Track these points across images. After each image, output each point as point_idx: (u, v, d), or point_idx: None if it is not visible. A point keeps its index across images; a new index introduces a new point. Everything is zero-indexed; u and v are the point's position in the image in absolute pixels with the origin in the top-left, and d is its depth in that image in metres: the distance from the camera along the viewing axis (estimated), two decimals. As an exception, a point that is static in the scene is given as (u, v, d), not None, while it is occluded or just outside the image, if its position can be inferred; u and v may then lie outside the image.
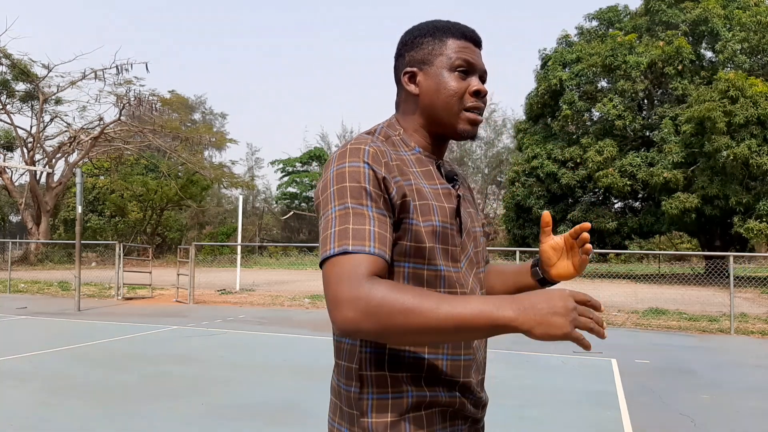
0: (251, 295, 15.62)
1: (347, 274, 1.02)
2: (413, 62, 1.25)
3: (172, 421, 4.63)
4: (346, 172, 1.10)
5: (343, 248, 1.04)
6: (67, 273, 21.31)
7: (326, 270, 1.04)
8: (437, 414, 1.16)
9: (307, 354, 7.67)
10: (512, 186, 29.34)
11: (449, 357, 1.17)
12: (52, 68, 30.89)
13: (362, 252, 1.03)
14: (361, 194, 1.08)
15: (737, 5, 24.31)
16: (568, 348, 8.32)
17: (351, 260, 1.03)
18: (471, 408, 1.22)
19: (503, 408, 5.10)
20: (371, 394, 1.13)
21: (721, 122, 20.18)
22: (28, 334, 8.98)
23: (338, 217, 1.07)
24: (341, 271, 1.02)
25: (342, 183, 1.09)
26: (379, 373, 1.13)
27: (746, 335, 10.06)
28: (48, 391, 5.50)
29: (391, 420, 1.12)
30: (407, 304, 0.99)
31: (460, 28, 1.26)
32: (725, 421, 4.88)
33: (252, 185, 49.07)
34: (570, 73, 26.68)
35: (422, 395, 1.14)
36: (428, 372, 1.15)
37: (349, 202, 1.08)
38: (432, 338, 1.03)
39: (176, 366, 6.71)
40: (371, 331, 1.00)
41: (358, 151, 1.12)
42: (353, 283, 1.01)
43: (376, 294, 0.99)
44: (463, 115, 1.23)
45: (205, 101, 56.11)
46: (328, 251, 1.05)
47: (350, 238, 1.05)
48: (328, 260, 1.04)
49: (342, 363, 1.18)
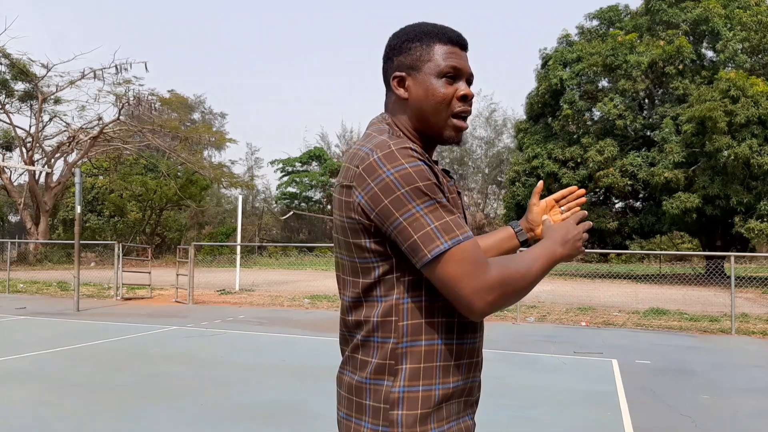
0: (251, 295, 15.61)
1: (475, 263, 1.12)
2: (402, 67, 1.29)
3: (172, 421, 4.61)
4: (411, 173, 1.13)
5: (456, 240, 1.12)
6: (66, 273, 21.29)
7: (445, 264, 1.11)
8: (454, 405, 1.23)
9: (307, 354, 7.65)
10: (512, 186, 29.32)
11: (469, 342, 1.26)
12: (51, 68, 30.89)
13: (469, 238, 1.14)
14: (435, 190, 1.15)
15: (738, 5, 24.29)
16: (568, 348, 8.31)
17: (467, 249, 1.12)
18: (477, 390, 1.31)
19: (503, 408, 5.08)
20: (403, 387, 1.17)
21: (722, 122, 20.16)
22: (27, 334, 8.96)
23: (429, 213, 1.12)
24: (467, 261, 1.11)
25: (413, 183, 1.13)
26: (413, 366, 1.18)
27: (747, 335, 10.04)
28: (47, 391, 5.49)
29: (420, 413, 1.17)
30: (520, 271, 1.17)
31: (446, 32, 1.30)
32: (726, 422, 4.86)
33: (251, 185, 49.10)
34: (570, 72, 26.66)
35: (447, 386, 1.21)
36: (456, 358, 1.23)
37: (431, 198, 1.13)
38: (531, 289, 1.21)
39: (176, 366, 6.69)
40: (505, 303, 1.16)
41: (407, 151, 1.16)
42: (483, 269, 1.12)
43: (501, 273, 1.13)
44: (450, 122, 1.28)
45: (205, 101, 55.98)
46: (441, 246, 1.11)
47: (455, 229, 1.13)
48: (444, 254, 1.11)
49: (370, 359, 1.21)
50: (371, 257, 1.19)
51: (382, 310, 1.19)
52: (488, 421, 4.63)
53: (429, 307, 1.19)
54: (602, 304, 13.70)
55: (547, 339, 9.17)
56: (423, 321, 1.19)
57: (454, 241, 1.11)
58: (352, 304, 1.23)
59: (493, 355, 7.61)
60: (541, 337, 9.33)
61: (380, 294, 1.19)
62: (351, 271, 1.23)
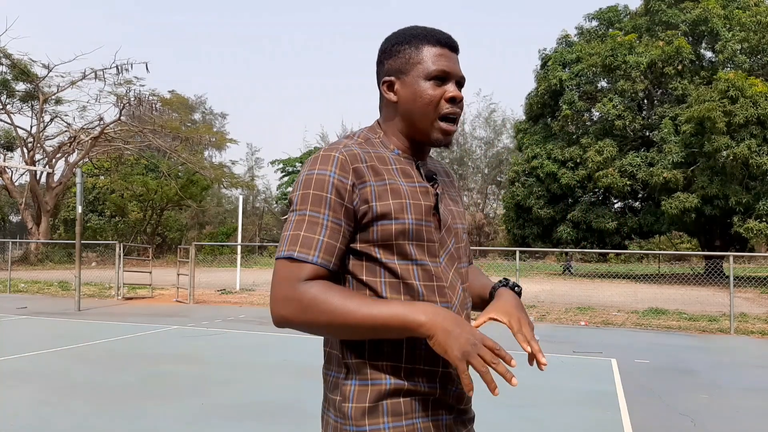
0: (251, 294, 15.63)
1: (287, 277, 1.15)
2: (391, 71, 1.30)
3: (172, 421, 4.64)
4: (312, 179, 1.19)
5: (290, 254, 1.16)
6: (67, 273, 21.30)
7: (275, 268, 1.18)
8: (417, 401, 1.19)
9: (307, 354, 7.67)
10: (512, 186, 29.36)
11: (426, 347, 1.19)
12: (52, 68, 30.91)
13: (305, 261, 1.15)
14: (321, 203, 1.17)
15: (737, 5, 24.32)
16: (567, 348, 8.34)
17: (293, 266, 1.15)
18: (453, 400, 1.24)
19: (503, 408, 5.10)
20: (354, 380, 1.19)
21: (720, 122, 20.19)
22: (28, 334, 8.98)
23: (295, 222, 1.18)
24: (283, 273, 1.16)
25: (307, 189, 1.19)
26: (359, 361, 1.20)
27: (746, 335, 10.06)
28: (48, 391, 5.51)
29: (368, 406, 1.17)
30: (333, 305, 1.12)
31: (435, 35, 1.29)
32: (725, 421, 4.89)
33: (252, 185, 49.08)
34: (570, 73, 26.70)
35: (400, 383, 1.19)
36: (407, 361, 1.19)
37: (308, 209, 1.18)
38: (351, 335, 1.15)
39: (176, 366, 6.71)
40: (301, 326, 1.15)
41: (328, 159, 1.19)
42: (291, 285, 1.14)
43: (306, 295, 1.13)
44: (437, 125, 1.27)
45: (205, 101, 56.10)
46: (279, 252, 1.18)
47: (298, 245, 1.16)
48: (278, 260, 1.18)
49: (328, 350, 1.26)
50: None
51: None
52: (488, 421, 4.65)
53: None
54: (601, 304, 13.72)
55: (547, 339, 9.19)
56: None
57: (288, 253, 1.16)
58: None
59: (493, 354, 7.63)
60: (541, 337, 9.35)
61: None
62: None
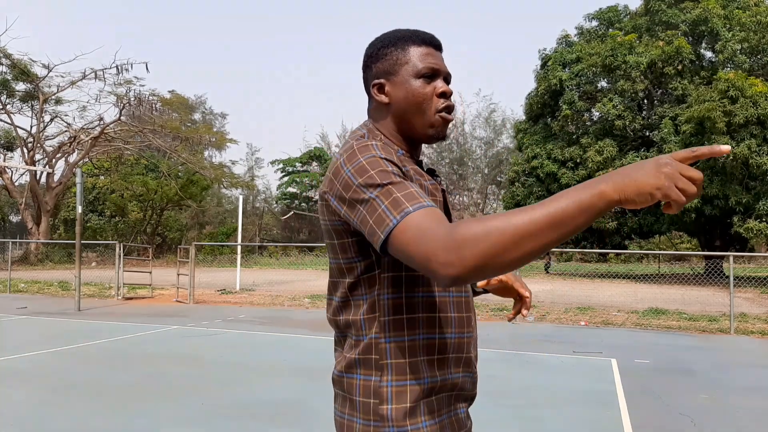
0: (251, 295, 15.63)
1: (424, 227, 1.01)
2: (380, 73, 1.31)
3: (172, 421, 4.64)
4: (365, 165, 1.14)
5: (404, 212, 1.04)
6: (67, 273, 21.31)
7: (397, 239, 1.03)
8: (444, 398, 1.25)
9: (307, 354, 7.68)
10: (512, 186, 29.35)
11: (456, 335, 1.26)
12: (52, 68, 30.91)
13: (422, 207, 1.05)
14: (389, 174, 1.12)
15: (737, 5, 24.30)
16: (567, 348, 8.34)
17: (417, 217, 1.03)
18: (470, 385, 1.31)
19: (503, 408, 5.10)
20: (390, 382, 1.20)
21: (720, 122, 20.18)
22: (28, 334, 8.98)
23: (380, 196, 1.09)
24: (416, 228, 1.01)
25: (366, 173, 1.13)
26: (398, 361, 1.20)
27: (746, 335, 10.06)
28: (48, 391, 5.51)
29: (409, 406, 1.19)
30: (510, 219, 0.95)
31: (420, 35, 1.32)
32: (725, 421, 4.89)
33: (252, 185, 49.09)
34: (570, 73, 26.68)
35: (435, 380, 1.22)
36: (440, 352, 1.24)
37: (384, 180, 1.11)
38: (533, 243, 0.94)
39: (176, 366, 6.72)
40: (477, 263, 0.94)
41: (368, 148, 1.18)
42: (433, 231, 0.99)
43: (459, 229, 0.96)
44: (436, 118, 1.29)
45: (205, 101, 56.09)
46: (391, 223, 1.05)
47: (404, 202, 1.06)
48: (395, 230, 1.04)
49: (355, 357, 1.22)
50: (354, 256, 1.22)
51: (367, 308, 1.21)
52: (488, 420, 4.66)
53: (409, 303, 1.21)
54: (601, 304, 13.72)
55: (547, 339, 9.19)
56: (404, 317, 1.21)
57: (402, 214, 1.04)
58: (341, 304, 1.26)
59: (493, 354, 7.64)
60: (541, 337, 9.35)
61: (364, 292, 1.22)
62: (338, 273, 1.26)
